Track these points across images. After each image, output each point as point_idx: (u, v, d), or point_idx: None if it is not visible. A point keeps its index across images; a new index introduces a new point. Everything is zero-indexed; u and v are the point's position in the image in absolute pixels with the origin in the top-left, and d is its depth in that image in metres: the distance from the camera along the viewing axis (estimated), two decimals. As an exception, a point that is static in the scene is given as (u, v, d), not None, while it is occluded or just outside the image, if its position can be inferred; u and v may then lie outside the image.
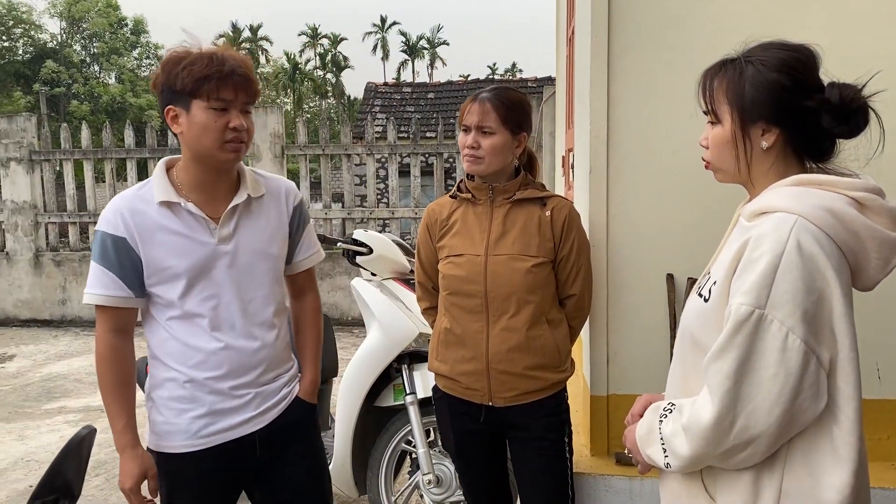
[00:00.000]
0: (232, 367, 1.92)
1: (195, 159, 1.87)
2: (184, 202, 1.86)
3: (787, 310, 1.24)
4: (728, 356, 1.27)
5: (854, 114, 1.33)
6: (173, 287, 1.87)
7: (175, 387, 1.90)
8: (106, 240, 1.83)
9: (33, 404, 5.62)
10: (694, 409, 1.35)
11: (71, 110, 38.50)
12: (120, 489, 1.89)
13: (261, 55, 67.04)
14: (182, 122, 1.82)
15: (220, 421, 1.92)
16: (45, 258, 8.68)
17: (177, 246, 1.86)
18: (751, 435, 1.27)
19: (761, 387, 1.26)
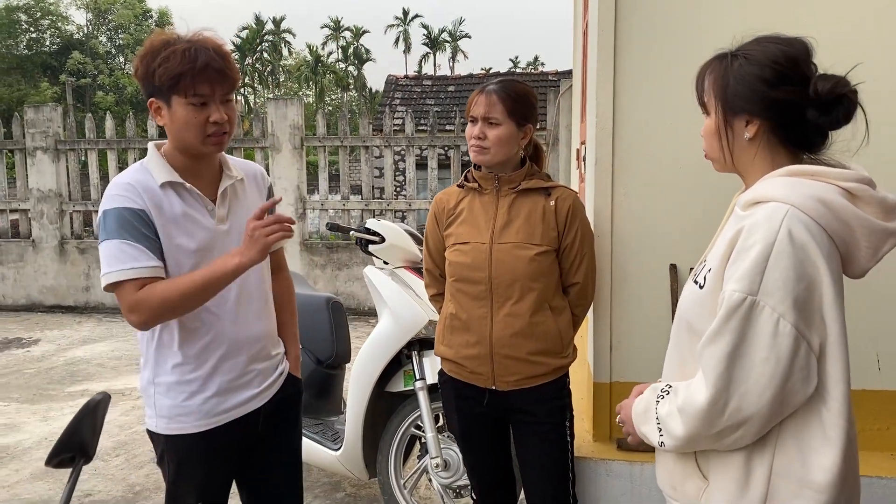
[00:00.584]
0: (237, 346, 1.97)
1: (181, 149, 1.89)
2: (186, 183, 1.89)
3: (778, 296, 1.28)
4: (721, 341, 1.32)
5: (834, 105, 1.36)
6: (183, 266, 1.87)
7: (183, 371, 1.92)
8: (123, 214, 1.79)
9: (57, 387, 5.77)
10: (689, 391, 1.40)
11: (96, 101, 39.03)
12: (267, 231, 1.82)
13: (283, 47, 67.36)
14: (164, 115, 1.84)
15: (230, 399, 1.98)
16: (69, 246, 8.85)
17: (184, 226, 1.88)
18: (743, 416, 1.32)
19: (753, 370, 1.30)
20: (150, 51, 1.80)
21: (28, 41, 42.65)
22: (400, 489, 3.28)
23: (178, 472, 1.98)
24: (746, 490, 1.38)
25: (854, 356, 2.40)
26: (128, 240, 1.78)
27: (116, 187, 1.84)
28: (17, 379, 6.00)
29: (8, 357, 6.73)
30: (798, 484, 1.34)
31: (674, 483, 1.54)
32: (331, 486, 3.86)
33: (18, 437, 4.65)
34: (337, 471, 3.41)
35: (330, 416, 3.70)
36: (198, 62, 1.77)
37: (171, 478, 1.99)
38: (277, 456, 2.17)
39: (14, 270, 8.97)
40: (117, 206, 1.81)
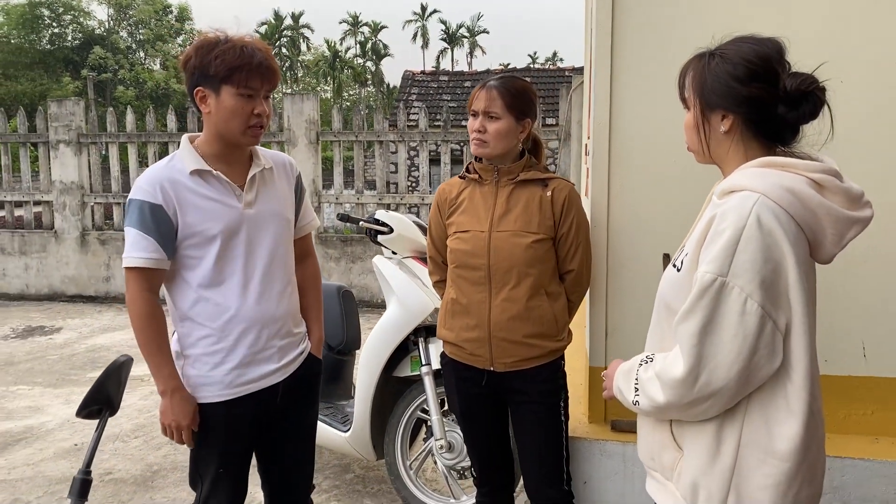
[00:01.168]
0: (259, 322, 2.13)
1: (219, 137, 2.08)
2: (213, 171, 2.07)
3: (746, 277, 1.39)
4: (694, 318, 1.43)
5: (802, 101, 1.47)
6: (209, 248, 2.06)
7: (209, 343, 2.09)
8: (144, 207, 2.00)
9: (79, 372, 5.96)
10: (666, 362, 1.51)
11: (117, 95, 39.49)
12: (173, 428, 2.06)
13: (302, 43, 67.65)
14: (210, 104, 2.02)
15: (251, 371, 2.13)
16: (90, 237, 9.06)
17: (211, 210, 2.06)
18: (712, 389, 1.43)
19: (722, 346, 1.41)
20: (206, 44, 2.01)
21: (50, 36, 43.23)
22: (406, 470, 3.41)
23: (201, 440, 2.13)
24: (717, 459, 1.49)
25: (840, 344, 2.53)
26: (143, 231, 2.00)
27: (144, 180, 2.05)
28: (40, 365, 6.20)
29: (32, 344, 6.94)
30: (763, 452, 1.45)
31: (652, 454, 1.66)
32: (341, 468, 4.00)
33: (42, 419, 4.84)
34: (346, 452, 3.54)
35: (340, 400, 3.84)
36: (254, 59, 2.01)
37: (195, 444, 2.14)
38: (294, 430, 2.33)
39: (37, 261, 9.20)
40: (139, 198, 2.02)
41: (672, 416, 1.57)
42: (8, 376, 5.85)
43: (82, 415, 1.78)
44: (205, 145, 2.11)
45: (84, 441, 4.43)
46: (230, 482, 2.19)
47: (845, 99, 2.36)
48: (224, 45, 2.00)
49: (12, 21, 40.95)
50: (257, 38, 2.11)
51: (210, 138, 2.10)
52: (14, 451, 4.31)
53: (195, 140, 2.14)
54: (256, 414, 2.19)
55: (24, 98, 35.89)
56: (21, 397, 5.32)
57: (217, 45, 2.00)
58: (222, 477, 2.16)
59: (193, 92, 2.04)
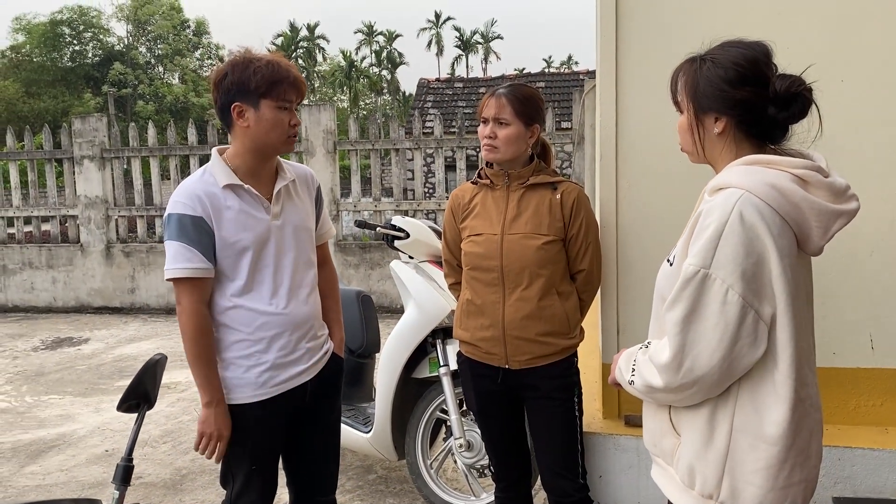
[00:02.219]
0: (289, 326, 2.24)
1: (254, 150, 2.18)
2: (244, 185, 2.18)
3: (728, 269, 1.46)
4: (678, 307, 1.51)
5: (792, 101, 1.54)
6: (242, 258, 2.16)
7: (242, 347, 2.19)
8: (184, 220, 2.09)
9: (107, 381, 6.11)
10: (656, 348, 1.60)
11: (137, 110, 40.02)
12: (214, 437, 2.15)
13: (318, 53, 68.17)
14: (249, 118, 2.13)
15: (282, 373, 2.24)
16: (115, 249, 9.25)
17: (243, 222, 2.16)
18: (695, 375, 1.50)
19: (705, 334, 1.49)
20: (241, 61, 2.13)
21: (71, 53, 43.94)
22: (427, 469, 3.49)
23: (235, 439, 2.22)
24: (711, 444, 1.56)
25: (849, 336, 2.59)
26: (185, 243, 2.09)
27: (181, 195, 2.13)
28: (69, 374, 6.36)
29: (61, 355, 7.11)
30: (754, 437, 1.52)
31: (654, 441, 1.74)
32: (363, 468, 4.09)
33: (73, 427, 4.98)
34: (368, 453, 3.63)
35: (362, 402, 3.93)
36: (290, 74, 2.15)
37: (228, 444, 2.22)
38: (320, 428, 2.45)
39: (64, 274, 9.41)
40: (179, 212, 2.11)
41: (662, 400, 1.65)
42: (39, 386, 6.01)
43: (122, 408, 1.91)
44: (235, 158, 2.20)
45: (115, 447, 4.56)
46: (261, 480, 2.29)
47: (849, 96, 2.43)
48: (259, 62, 2.12)
49: (34, 40, 41.69)
50: (280, 54, 2.23)
51: (242, 151, 2.19)
52: (48, 457, 4.44)
53: (223, 153, 2.24)
54: (287, 413, 2.30)
55: (48, 115, 36.53)
56: (52, 406, 5.47)
57: (251, 62, 2.12)
58: (254, 475, 2.26)
59: (231, 107, 2.13)
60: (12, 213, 9.67)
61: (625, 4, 2.60)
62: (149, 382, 1.87)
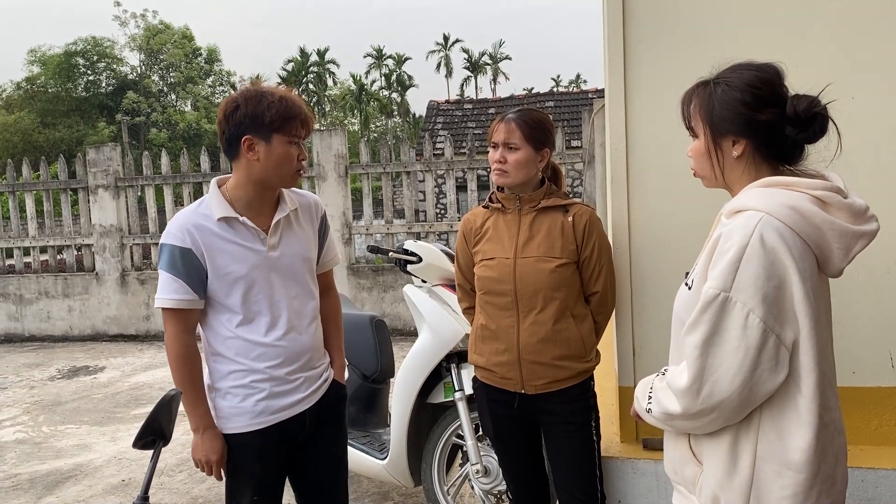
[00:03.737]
0: (286, 356, 2.24)
1: (259, 182, 2.18)
2: (240, 217, 2.18)
3: (748, 293, 1.45)
4: (698, 330, 1.50)
5: (811, 121, 1.53)
6: (235, 289, 2.17)
7: (239, 376, 2.21)
8: (174, 251, 2.11)
9: (123, 410, 6.12)
10: (673, 373, 1.58)
11: (150, 138, 40.43)
12: (203, 462, 2.19)
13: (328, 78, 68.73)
14: (259, 151, 2.13)
15: (278, 402, 2.24)
16: (130, 277, 9.31)
17: (235, 254, 2.17)
18: (715, 400, 1.48)
19: (725, 358, 1.47)
20: (255, 95, 2.13)
21: (86, 84, 44.53)
22: (444, 496, 3.46)
23: (235, 469, 2.23)
24: (735, 473, 1.53)
25: (868, 355, 2.55)
26: (173, 275, 2.12)
27: (174, 225, 2.16)
28: (86, 403, 6.38)
29: (77, 384, 7.14)
30: (779, 465, 1.49)
31: (675, 468, 1.71)
32: (380, 495, 4.06)
33: (90, 457, 4.98)
34: (384, 479, 3.60)
35: (377, 429, 3.91)
36: (302, 110, 2.18)
37: (229, 474, 2.24)
38: (325, 455, 2.43)
39: (80, 302, 9.47)
40: (170, 242, 2.13)
41: (680, 428, 1.62)
42: (56, 416, 6.03)
43: (138, 446, 1.90)
44: (236, 190, 2.20)
45: (131, 477, 4.55)
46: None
47: (862, 113, 2.41)
48: (272, 97, 2.13)
49: (49, 71, 42.31)
50: (290, 89, 2.24)
51: (244, 183, 2.19)
52: (64, 488, 4.44)
53: (223, 184, 2.24)
54: (286, 442, 2.29)
55: (63, 144, 36.96)
56: (69, 436, 5.48)
57: (264, 96, 2.12)
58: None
59: (241, 140, 2.12)
60: (28, 244, 9.77)
61: (633, 26, 2.61)
62: (164, 419, 1.87)
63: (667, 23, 2.59)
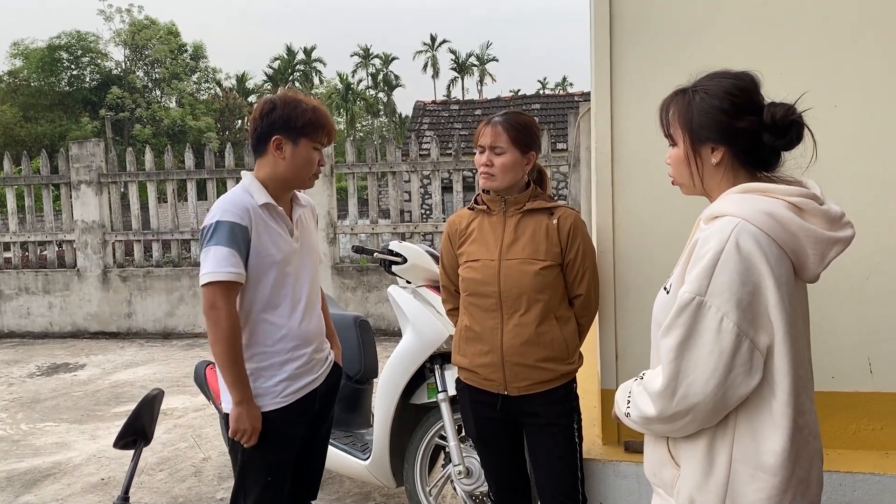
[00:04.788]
0: (305, 338, 2.45)
1: (281, 180, 2.40)
2: (278, 206, 2.39)
3: (723, 297, 1.46)
4: (673, 334, 1.51)
5: (788, 129, 1.55)
6: (269, 273, 2.34)
7: (264, 358, 2.37)
8: (234, 227, 2.25)
9: (103, 408, 6.07)
10: (649, 377, 1.60)
11: (134, 134, 40.14)
12: (250, 431, 2.30)
13: (314, 76, 68.53)
14: (286, 151, 2.36)
15: (298, 382, 2.43)
16: (112, 274, 9.23)
17: (274, 239, 2.36)
18: (689, 403, 1.50)
19: (699, 361, 1.48)
20: (292, 100, 2.38)
21: (69, 78, 44.11)
22: (426, 496, 3.46)
23: (253, 451, 2.35)
24: (711, 475, 1.55)
25: (847, 360, 2.58)
26: (233, 249, 2.25)
27: (230, 204, 2.30)
28: (65, 401, 6.32)
29: (57, 381, 7.07)
30: (753, 468, 1.51)
31: (654, 471, 1.73)
32: (361, 495, 4.05)
33: (69, 455, 4.93)
34: (366, 479, 3.60)
35: (359, 429, 3.90)
36: (329, 122, 2.44)
37: (245, 457, 2.35)
38: (320, 430, 2.65)
39: (60, 299, 9.38)
40: (229, 219, 2.27)
41: (657, 431, 1.64)
42: (35, 413, 5.97)
43: (118, 446, 1.89)
44: (264, 184, 2.39)
45: (111, 476, 4.51)
46: (276, 493, 2.42)
47: (841, 121, 2.44)
48: (307, 104, 2.37)
49: (32, 64, 41.87)
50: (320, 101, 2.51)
51: (269, 179, 2.39)
52: (43, 486, 4.40)
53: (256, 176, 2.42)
54: (302, 420, 2.48)
55: (45, 139, 36.57)
56: (48, 434, 5.42)
57: (300, 102, 2.37)
58: (270, 487, 2.39)
59: (271, 138, 2.33)
60: (9, 239, 9.67)
61: (620, 33, 2.63)
62: (146, 418, 1.86)
63: (653, 30, 2.61)
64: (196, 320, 8.96)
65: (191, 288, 8.98)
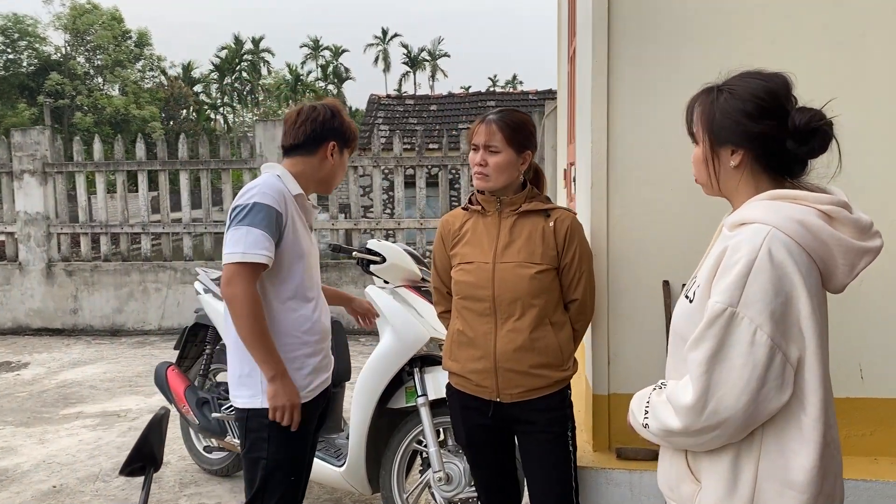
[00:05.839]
0: (324, 333, 2.51)
1: (318, 181, 2.52)
2: (308, 200, 2.48)
3: (756, 308, 1.40)
4: (703, 346, 1.45)
5: (811, 136, 1.49)
6: (299, 263, 2.39)
7: (292, 348, 2.39)
8: (272, 212, 2.28)
9: (51, 410, 5.78)
10: (676, 388, 1.53)
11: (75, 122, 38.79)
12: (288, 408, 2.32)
13: (263, 67, 67.42)
14: (334, 157, 2.50)
15: (318, 377, 2.49)
16: (57, 268, 8.84)
17: (302, 231, 2.43)
18: (720, 418, 1.43)
19: (731, 374, 1.42)
20: (343, 111, 2.53)
21: (5, 63, 42.34)
22: (403, 503, 3.36)
23: (279, 445, 2.36)
24: (735, 492, 1.49)
25: (838, 366, 2.55)
26: (268, 234, 2.27)
27: (270, 188, 2.32)
28: (9, 402, 6.00)
29: (-2, 381, 6.72)
30: (781, 484, 1.45)
31: (670, 485, 1.66)
32: (332, 501, 3.93)
33: (16, 461, 4.67)
34: (340, 486, 3.48)
35: (331, 434, 3.77)
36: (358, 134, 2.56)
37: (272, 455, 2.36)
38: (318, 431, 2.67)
39: (1, 294, 8.95)
40: (268, 203, 2.29)
41: (679, 445, 1.58)
42: (-24, 415, 5.66)
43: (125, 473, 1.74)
44: (298, 178, 2.46)
45: (63, 483, 4.28)
46: (295, 494, 2.48)
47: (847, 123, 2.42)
48: (347, 116, 2.53)
49: (-35, 47, 40.13)
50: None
51: (306, 177, 2.48)
52: (-11, 494, 4.15)
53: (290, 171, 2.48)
54: (316, 416, 2.53)
55: (-22, 125, 35.03)
56: (-8, 437, 5.14)
57: (345, 114, 2.52)
58: (292, 487, 2.43)
59: (327, 142, 2.46)
60: (-55, 230, 9.17)
61: (617, 33, 2.56)
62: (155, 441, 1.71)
63: (651, 30, 2.56)
64: (146, 317, 8.65)
65: (141, 283, 8.66)
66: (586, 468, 2.59)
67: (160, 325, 8.64)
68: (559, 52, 6.55)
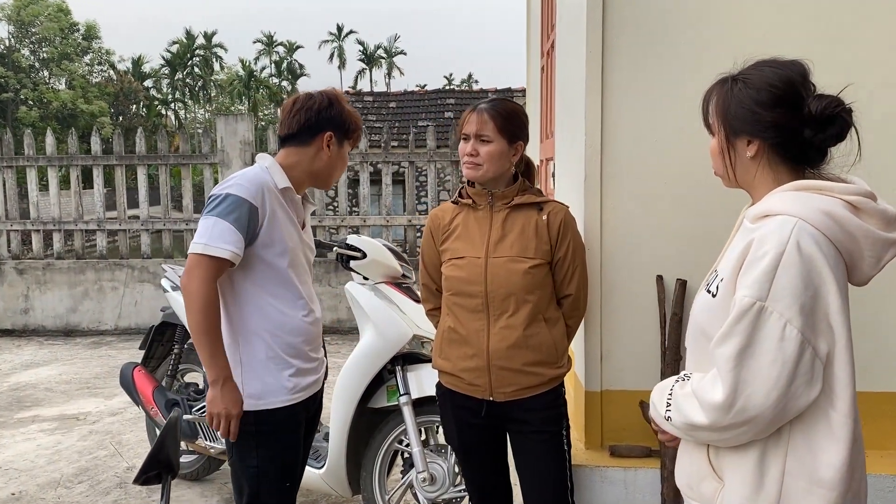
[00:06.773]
0: (312, 333, 2.38)
1: (314, 174, 2.37)
2: (297, 194, 2.35)
3: (785, 302, 1.37)
4: (731, 341, 1.40)
5: (828, 123, 1.46)
6: (282, 260, 2.26)
7: (272, 350, 2.27)
8: (242, 205, 2.16)
9: (4, 413, 5.53)
10: (703, 384, 1.48)
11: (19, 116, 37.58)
12: (223, 416, 2.16)
13: (215, 62, 66.29)
14: (332, 149, 2.35)
15: (305, 379, 2.36)
16: (6, 266, 8.50)
17: (288, 227, 2.30)
18: (748, 415, 1.40)
19: (760, 371, 1.38)
20: (343, 100, 2.36)
21: (-56, 54, 40.85)
22: (385, 504, 3.28)
23: (268, 454, 2.27)
24: (761, 490, 1.45)
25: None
26: (235, 227, 2.15)
27: (246, 180, 2.21)
28: (-41, 407, 5.73)
29: (-54, 384, 6.42)
30: (809, 482, 1.42)
31: (690, 483, 1.62)
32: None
33: (-30, 468, 4.45)
34: (319, 488, 3.39)
35: (307, 435, 3.67)
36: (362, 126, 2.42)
37: (262, 461, 2.27)
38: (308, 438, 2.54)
39: (-54, 293, 8.56)
40: (241, 195, 2.17)
41: (703, 439, 1.54)
42: (-76, 421, 5.38)
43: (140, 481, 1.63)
44: (291, 171, 2.33)
45: (22, 490, 4.08)
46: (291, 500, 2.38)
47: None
48: (349, 106, 2.37)
49: None
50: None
51: (301, 170, 2.34)
52: (-58, 504, 3.94)
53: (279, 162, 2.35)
54: (306, 421, 2.42)
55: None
56: (-58, 444, 4.89)
57: (345, 103, 2.36)
58: (286, 493, 2.34)
59: (323, 133, 2.31)
60: None
61: (612, 30, 2.52)
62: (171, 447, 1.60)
63: (645, 26, 2.52)
64: (102, 317, 8.37)
65: (96, 282, 8.37)
66: (580, 466, 2.55)
67: (117, 324, 8.37)
68: (529, 47, 6.53)
